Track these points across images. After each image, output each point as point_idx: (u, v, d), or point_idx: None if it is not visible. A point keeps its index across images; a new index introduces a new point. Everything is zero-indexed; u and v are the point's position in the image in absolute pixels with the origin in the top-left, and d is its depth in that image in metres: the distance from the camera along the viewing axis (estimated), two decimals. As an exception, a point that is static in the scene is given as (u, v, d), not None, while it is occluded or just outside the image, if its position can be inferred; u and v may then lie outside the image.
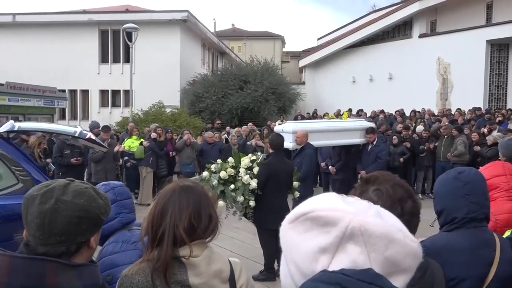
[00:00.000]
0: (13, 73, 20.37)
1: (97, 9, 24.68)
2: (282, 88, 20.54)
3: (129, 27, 14.55)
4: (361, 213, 0.70)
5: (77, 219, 1.13)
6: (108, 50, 22.32)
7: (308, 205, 0.74)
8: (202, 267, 1.36)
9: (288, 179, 5.12)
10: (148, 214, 1.42)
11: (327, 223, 0.69)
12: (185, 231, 1.35)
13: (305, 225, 0.72)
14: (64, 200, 1.12)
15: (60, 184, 1.16)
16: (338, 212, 0.70)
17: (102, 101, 22.55)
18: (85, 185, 1.21)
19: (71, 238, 1.13)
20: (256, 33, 39.25)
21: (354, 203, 0.75)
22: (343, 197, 0.77)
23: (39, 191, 1.14)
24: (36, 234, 1.11)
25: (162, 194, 1.44)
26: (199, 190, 1.47)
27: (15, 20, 22.26)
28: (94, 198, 1.19)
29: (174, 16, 21.01)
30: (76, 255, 1.16)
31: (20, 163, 4.89)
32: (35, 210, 1.11)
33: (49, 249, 1.11)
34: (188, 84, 21.19)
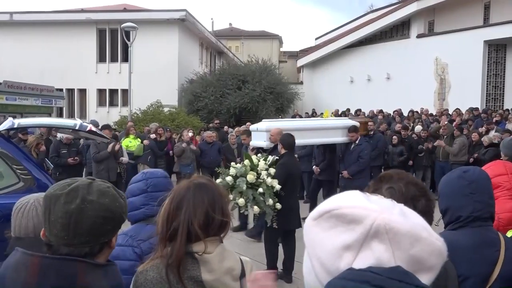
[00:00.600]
0: (10, 72, 20.27)
1: (95, 8, 24.59)
2: (280, 88, 20.54)
3: (127, 26, 14.54)
4: (386, 211, 0.70)
5: (102, 220, 1.12)
6: (106, 49, 22.26)
7: (333, 202, 0.74)
8: (215, 264, 1.37)
9: (299, 180, 5.17)
10: (163, 211, 1.42)
11: (352, 220, 0.69)
12: (200, 227, 1.36)
13: (329, 222, 0.72)
14: (90, 199, 1.10)
15: (84, 183, 1.14)
16: (363, 209, 0.70)
17: (99, 100, 22.50)
18: (107, 184, 1.20)
19: (95, 239, 1.13)
20: (254, 32, 39.23)
21: (379, 201, 0.75)
22: (367, 195, 0.77)
23: (62, 190, 1.11)
24: (61, 234, 1.09)
25: (177, 191, 1.45)
26: (213, 187, 1.48)
27: (12, 18, 22.15)
28: (116, 197, 1.17)
29: (172, 15, 20.97)
30: (98, 255, 1.15)
31: (20, 162, 4.86)
32: (60, 209, 1.09)
33: (73, 250, 1.10)
34: (186, 82, 21.17)
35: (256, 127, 7.28)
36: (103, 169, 7.82)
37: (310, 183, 9.78)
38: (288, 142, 5.08)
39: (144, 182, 2.10)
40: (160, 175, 2.17)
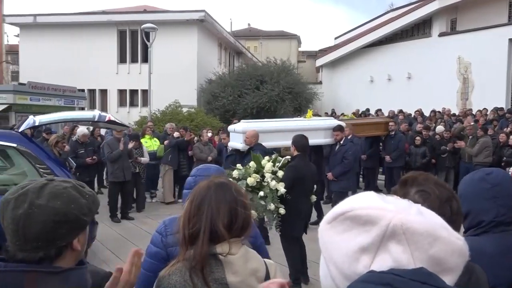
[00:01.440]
0: (34, 73, 20.76)
1: (116, 10, 24.96)
2: (299, 88, 20.46)
3: (147, 27, 14.68)
4: (402, 211, 0.68)
5: (53, 224, 1.06)
6: (126, 50, 22.56)
7: (347, 204, 0.73)
8: (239, 265, 1.33)
9: (312, 183, 4.88)
10: (184, 212, 1.40)
11: (367, 222, 0.68)
12: (224, 227, 1.33)
13: (344, 224, 0.70)
14: (38, 204, 1.05)
15: (36, 186, 1.09)
16: (378, 210, 0.68)
17: (120, 101, 22.81)
18: (64, 184, 1.13)
19: (49, 244, 1.07)
20: (272, 32, 39.17)
21: (394, 201, 0.73)
22: (382, 196, 0.75)
23: (13, 195, 1.07)
24: (13, 240, 1.06)
25: (197, 191, 1.43)
26: (234, 187, 1.46)
27: (36, 21, 22.66)
28: (73, 198, 1.10)
29: (191, 16, 21.12)
30: (58, 259, 1.09)
31: (43, 161, 4.95)
32: (9, 215, 1.06)
33: (27, 255, 1.05)
34: (205, 82, 21.30)
35: (233, 128, 7.08)
36: (118, 169, 7.87)
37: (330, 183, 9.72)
38: (300, 143, 4.83)
39: (194, 179, 2.12)
40: (211, 172, 2.16)
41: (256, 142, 6.14)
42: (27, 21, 22.84)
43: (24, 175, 4.93)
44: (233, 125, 7.36)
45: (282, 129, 7.07)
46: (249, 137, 6.13)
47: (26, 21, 22.87)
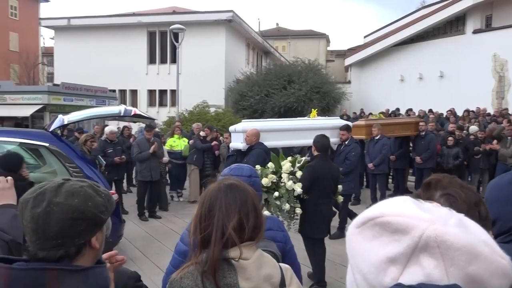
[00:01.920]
0: (68, 74, 21.39)
1: (146, 12, 25.40)
2: (327, 87, 20.27)
3: (175, 28, 14.84)
4: (439, 222, 0.61)
5: (72, 221, 1.07)
6: (155, 51, 22.93)
7: (377, 209, 0.67)
8: (252, 271, 1.29)
9: (332, 184, 4.75)
10: (195, 215, 1.37)
11: (397, 230, 0.62)
12: (234, 230, 1.30)
13: (373, 230, 0.65)
14: (57, 202, 1.07)
15: (53, 185, 1.11)
16: (410, 218, 0.62)
17: (150, 101, 23.21)
18: (81, 183, 1.15)
19: (68, 241, 1.08)
20: (301, 32, 38.96)
21: (432, 209, 0.66)
22: (419, 202, 0.69)
23: (32, 194, 1.10)
24: (32, 238, 1.08)
25: (207, 193, 1.40)
26: (245, 188, 1.42)
27: (70, 23, 23.35)
28: (90, 197, 1.12)
29: (220, 17, 21.25)
30: (77, 257, 1.11)
31: (73, 160, 5.06)
32: (28, 214, 1.08)
33: (48, 254, 1.07)
34: (233, 81, 21.40)
35: (234, 128, 6.98)
36: (145, 168, 7.95)
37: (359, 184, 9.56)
38: (321, 143, 4.72)
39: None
40: (244, 173, 2.14)
41: (257, 141, 6.01)
42: (61, 24, 23.57)
43: (54, 173, 5.07)
44: (234, 125, 7.27)
45: (284, 129, 6.95)
46: (250, 135, 6.01)
47: (60, 24, 23.61)
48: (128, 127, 11.38)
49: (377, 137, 8.75)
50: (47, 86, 19.27)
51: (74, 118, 5.41)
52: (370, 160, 8.79)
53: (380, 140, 8.73)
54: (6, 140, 5.10)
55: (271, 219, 2.27)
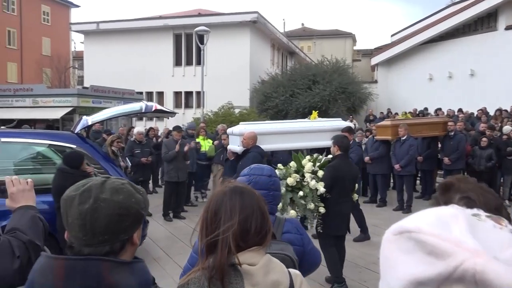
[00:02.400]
0: (97, 77, 21.92)
1: (172, 14, 25.74)
2: (353, 87, 19.98)
3: (200, 30, 14.97)
4: (485, 254, 0.52)
5: (118, 217, 1.10)
6: (181, 53, 23.21)
7: (416, 220, 0.60)
8: (259, 277, 1.26)
9: (352, 184, 4.87)
10: (201, 220, 1.35)
11: (432, 252, 0.55)
12: (239, 236, 1.27)
13: (408, 244, 0.58)
14: (103, 198, 1.10)
15: (97, 182, 1.14)
16: (450, 243, 0.54)
17: (176, 102, 23.49)
18: (121, 181, 1.19)
19: (114, 237, 1.11)
20: (326, 32, 38.63)
21: (488, 233, 0.57)
22: (475, 220, 0.59)
23: (77, 191, 1.12)
24: (79, 235, 1.10)
25: (213, 197, 1.38)
26: (250, 192, 1.39)
27: (99, 27, 23.94)
28: (132, 193, 1.15)
29: (244, 18, 21.31)
30: (121, 253, 1.14)
31: (97, 160, 5.20)
32: (75, 211, 1.10)
33: (94, 250, 1.10)
34: (258, 82, 21.41)
35: (231, 130, 6.95)
36: (172, 169, 7.99)
37: (385, 186, 9.39)
38: (344, 143, 4.82)
39: (247, 178, 2.08)
40: (265, 173, 2.13)
41: (253, 144, 6.00)
42: (91, 28, 24.18)
43: None
44: (231, 128, 7.24)
45: (283, 131, 6.83)
46: (246, 139, 6.00)
47: (90, 28, 24.23)
48: (154, 128, 11.56)
49: (404, 137, 8.55)
50: (77, 89, 19.82)
51: (98, 118, 5.55)
52: (397, 161, 8.60)
53: (406, 140, 8.54)
54: (36, 142, 5.32)
55: (290, 222, 2.24)
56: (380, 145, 9.12)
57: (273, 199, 2.25)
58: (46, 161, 5.65)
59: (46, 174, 5.58)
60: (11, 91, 19.05)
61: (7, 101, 18.50)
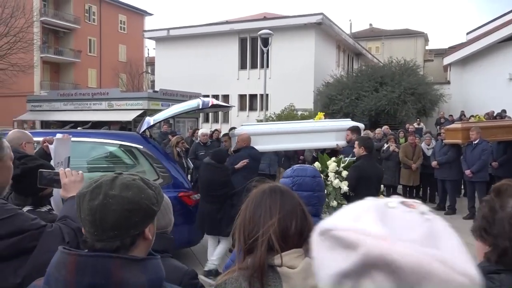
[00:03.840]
0: (166, 81, 22.96)
1: (238, 19, 26.28)
2: (423, 89, 19.08)
3: (263, 33, 15.12)
4: (390, 237, 0.58)
5: (127, 212, 1.12)
6: (246, 57, 23.58)
7: (333, 220, 0.67)
8: (298, 281, 1.22)
9: (377, 184, 4.89)
10: (239, 220, 1.34)
11: (347, 245, 0.61)
12: (279, 237, 1.25)
13: (330, 242, 0.64)
14: (112, 194, 1.12)
15: (107, 179, 1.16)
16: (358, 234, 0.60)
17: (240, 105, 23.91)
18: (133, 176, 1.19)
19: (124, 232, 1.13)
20: (396, 31, 37.23)
21: (397, 219, 0.62)
22: (385, 209, 0.64)
23: (88, 188, 1.15)
24: (91, 230, 1.12)
25: (252, 197, 1.36)
26: (290, 192, 1.37)
27: (169, 34, 25.05)
28: (142, 189, 1.16)
29: (309, 20, 21.20)
30: (132, 248, 1.15)
31: (160, 161, 5.34)
32: (86, 207, 1.13)
33: (105, 244, 1.12)
34: (322, 85, 21.18)
35: (233, 132, 6.93)
36: None
37: (454, 192, 8.84)
38: (369, 144, 4.90)
39: (291, 180, 2.06)
40: (308, 173, 2.10)
41: (246, 145, 6.07)
42: (161, 35, 25.37)
43: (144, 173, 5.30)
44: (234, 130, 7.21)
45: (284, 131, 6.69)
46: (240, 140, 6.12)
47: (161, 35, 25.43)
48: (218, 130, 11.79)
49: (476, 141, 8.00)
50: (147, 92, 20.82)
51: (159, 117, 5.70)
52: (468, 167, 8.07)
53: (479, 144, 7.98)
54: (109, 142, 5.64)
55: None
56: (449, 149, 8.63)
57: (318, 200, 2.21)
58: (115, 160, 5.92)
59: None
60: (89, 95, 20.49)
61: (86, 104, 19.93)
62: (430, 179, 9.43)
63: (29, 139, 3.24)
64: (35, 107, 21.84)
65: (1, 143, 1.69)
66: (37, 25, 25.60)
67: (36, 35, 23.52)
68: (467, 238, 3.26)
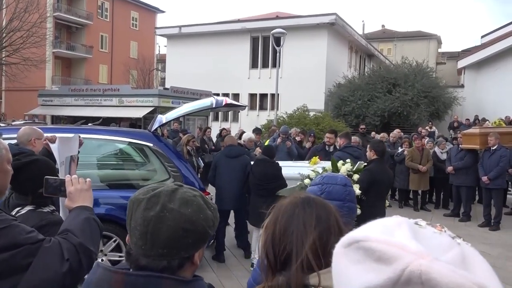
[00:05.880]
0: (177, 78, 22.91)
1: (250, 18, 26.15)
2: (436, 92, 18.84)
3: (276, 32, 14.99)
4: (429, 255, 0.55)
5: (182, 231, 1.03)
6: (258, 56, 23.45)
7: (364, 230, 0.63)
8: None
9: (387, 189, 4.98)
10: (267, 233, 1.21)
11: (380, 259, 0.57)
12: (314, 253, 1.13)
13: (357, 254, 0.60)
14: (170, 208, 1.03)
15: (168, 189, 1.06)
16: (396, 248, 0.56)
17: (251, 104, 23.77)
18: (194, 192, 1.10)
19: (174, 252, 1.03)
20: (408, 33, 36.86)
21: (430, 238, 0.60)
22: (417, 227, 0.62)
23: (145, 195, 1.05)
24: (139, 243, 1.03)
25: (282, 209, 1.23)
26: (323, 203, 1.25)
27: (181, 31, 24.99)
28: (202, 208, 1.07)
29: (322, 20, 21.00)
30: (178, 271, 1.05)
31: (171, 160, 5.21)
32: (139, 216, 1.03)
33: (150, 262, 1.03)
34: (334, 85, 20.98)
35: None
36: None
37: (469, 199, 8.63)
38: (381, 148, 4.93)
39: (319, 187, 1.95)
40: (339, 181, 1.99)
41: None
42: (173, 32, 25.33)
43: (155, 172, 5.30)
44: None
45: None
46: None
47: (172, 32, 25.38)
48: (226, 129, 11.65)
49: (494, 147, 7.80)
50: (158, 90, 20.83)
51: (172, 115, 5.57)
52: (485, 173, 7.86)
53: (497, 150, 7.77)
54: (119, 139, 5.51)
55: None
56: (465, 154, 8.44)
57: (348, 211, 2.05)
58: (125, 157, 5.85)
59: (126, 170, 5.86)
60: (100, 91, 20.54)
61: (97, 100, 19.98)
62: (443, 184, 9.24)
63: (39, 135, 3.16)
64: (46, 101, 21.96)
65: None
66: (50, 20, 25.71)
67: (49, 30, 23.62)
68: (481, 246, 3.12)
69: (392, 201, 9.68)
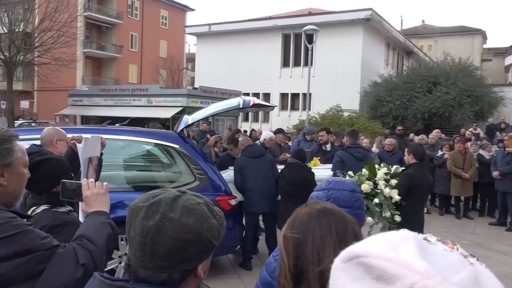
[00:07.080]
0: (206, 77, 22.52)
1: (281, 15, 25.47)
2: (480, 91, 17.75)
3: (308, 29, 14.33)
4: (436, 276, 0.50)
5: (183, 243, 0.96)
6: (289, 54, 22.80)
7: (366, 245, 0.58)
8: None
9: (426, 195, 4.88)
10: (282, 244, 1.15)
11: (381, 277, 0.52)
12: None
13: (357, 270, 0.56)
14: (171, 217, 0.97)
15: (169, 196, 1.01)
16: (399, 266, 0.51)
17: (282, 104, 23.11)
18: (197, 199, 1.03)
19: (175, 264, 0.97)
20: (450, 28, 35.32)
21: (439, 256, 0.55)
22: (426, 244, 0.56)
23: (145, 203, 1.00)
24: (137, 253, 0.98)
25: (297, 220, 1.18)
26: (340, 213, 1.19)
27: (211, 29, 24.63)
28: (206, 217, 1.00)
29: (357, 16, 20.22)
30: (180, 285, 0.99)
31: (197, 162, 5.05)
32: (138, 225, 0.98)
33: (150, 274, 0.98)
34: (370, 85, 20.08)
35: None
36: None
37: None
38: (420, 152, 4.81)
39: (325, 193, 1.86)
40: (346, 187, 1.88)
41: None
42: (203, 30, 25.01)
43: (180, 173, 5.17)
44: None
45: None
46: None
47: (202, 30, 25.07)
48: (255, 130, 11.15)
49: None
50: (187, 89, 20.46)
51: (198, 116, 5.42)
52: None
53: None
54: (144, 140, 5.44)
55: None
56: (512, 158, 7.66)
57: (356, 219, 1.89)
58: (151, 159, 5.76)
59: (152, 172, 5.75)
60: (129, 90, 20.36)
61: (126, 100, 19.79)
62: (489, 190, 8.44)
63: (62, 137, 3.15)
64: (76, 101, 22.01)
65: (11, 146, 1.49)
66: (80, 20, 25.85)
67: (79, 30, 23.69)
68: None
69: (432, 208, 9.13)
